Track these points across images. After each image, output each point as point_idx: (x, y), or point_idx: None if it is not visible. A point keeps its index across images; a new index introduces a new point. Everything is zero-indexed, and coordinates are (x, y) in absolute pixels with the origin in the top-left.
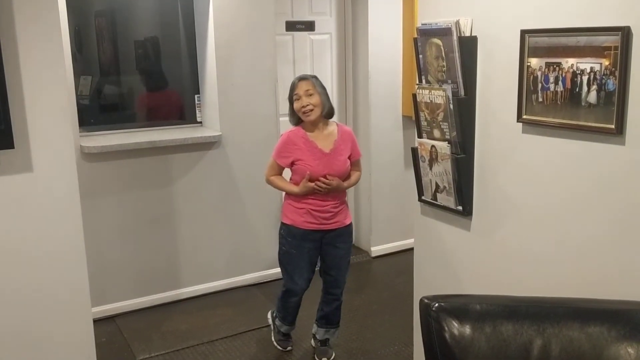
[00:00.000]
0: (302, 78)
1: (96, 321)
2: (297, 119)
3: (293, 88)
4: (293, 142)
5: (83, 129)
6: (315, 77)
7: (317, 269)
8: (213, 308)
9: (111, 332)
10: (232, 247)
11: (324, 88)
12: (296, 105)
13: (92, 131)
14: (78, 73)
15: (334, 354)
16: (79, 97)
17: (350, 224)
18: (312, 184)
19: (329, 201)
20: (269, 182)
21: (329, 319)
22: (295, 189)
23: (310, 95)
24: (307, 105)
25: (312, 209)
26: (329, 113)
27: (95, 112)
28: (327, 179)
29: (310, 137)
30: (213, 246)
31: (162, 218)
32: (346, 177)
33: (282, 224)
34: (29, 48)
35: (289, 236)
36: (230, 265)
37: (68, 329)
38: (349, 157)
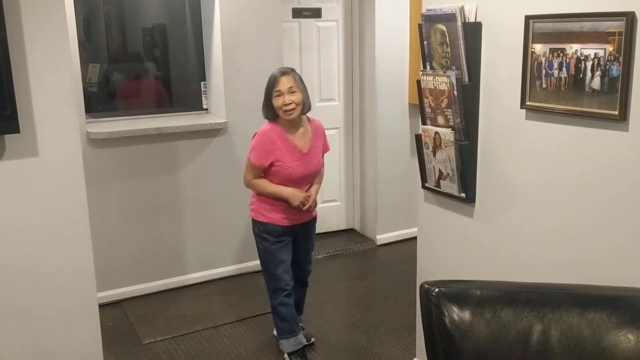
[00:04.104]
0: (284, 73)
1: (102, 306)
2: (273, 113)
3: (274, 83)
4: (272, 141)
5: (91, 115)
6: (294, 70)
7: None
8: (218, 294)
9: (117, 316)
10: (238, 234)
11: (304, 84)
12: (277, 102)
13: (100, 118)
14: (86, 61)
15: (313, 339)
16: (87, 84)
17: (316, 214)
18: (301, 199)
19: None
20: (251, 186)
21: (298, 306)
22: (288, 194)
23: (293, 92)
24: (290, 104)
25: (288, 205)
26: (307, 110)
27: (104, 99)
28: (308, 198)
29: (289, 136)
30: (218, 233)
31: (168, 204)
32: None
33: (257, 222)
34: (34, 33)
35: (266, 233)
36: (235, 251)
37: (74, 313)
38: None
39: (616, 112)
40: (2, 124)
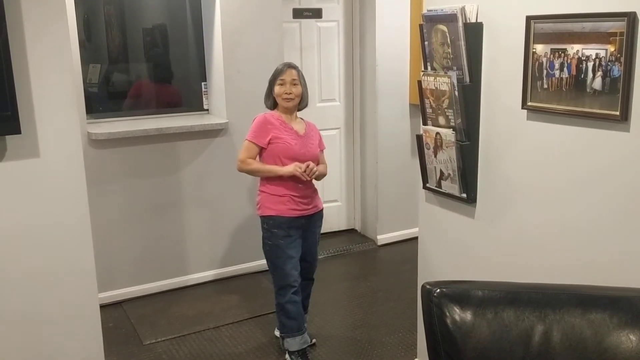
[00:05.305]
0: (291, 66)
1: (103, 307)
2: (272, 103)
3: (279, 73)
4: (271, 122)
5: (92, 116)
6: (298, 67)
7: None
8: (219, 294)
9: (118, 317)
10: (239, 234)
11: (305, 81)
12: (278, 89)
13: (100, 118)
14: (87, 61)
15: (314, 340)
16: (87, 84)
17: (323, 208)
18: (301, 167)
19: (307, 185)
20: (244, 165)
21: (303, 304)
22: (283, 169)
23: (295, 85)
24: (290, 93)
25: (293, 195)
26: (304, 105)
27: (104, 99)
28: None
29: (286, 120)
30: (219, 233)
31: (169, 205)
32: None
33: (265, 217)
34: (35, 34)
35: (275, 227)
36: (236, 252)
37: (75, 314)
38: None
39: (617, 113)
40: (3, 125)
